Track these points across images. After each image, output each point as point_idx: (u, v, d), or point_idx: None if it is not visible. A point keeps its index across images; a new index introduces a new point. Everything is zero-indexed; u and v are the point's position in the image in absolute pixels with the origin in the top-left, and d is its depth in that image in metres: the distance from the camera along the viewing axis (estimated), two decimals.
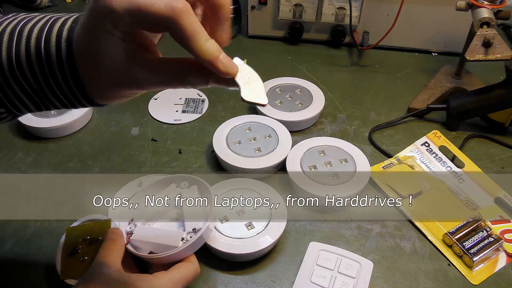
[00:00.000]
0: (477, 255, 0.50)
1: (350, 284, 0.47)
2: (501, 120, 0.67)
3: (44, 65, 0.32)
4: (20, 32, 0.33)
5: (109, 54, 0.31)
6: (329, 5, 0.83)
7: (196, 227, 0.46)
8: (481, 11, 0.63)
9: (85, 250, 0.45)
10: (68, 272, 0.44)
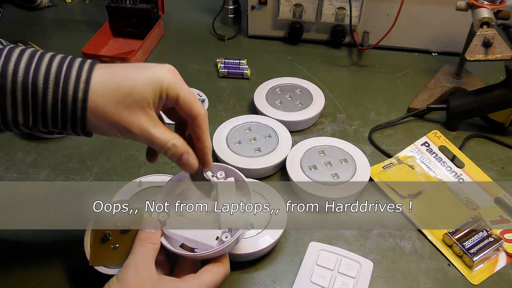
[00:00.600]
0: (477, 255, 0.50)
1: (350, 284, 0.47)
2: (501, 120, 0.67)
3: (58, 122, 0.36)
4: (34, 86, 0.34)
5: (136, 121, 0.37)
6: (329, 5, 0.83)
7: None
8: (481, 11, 0.63)
9: (116, 237, 0.43)
10: (98, 259, 0.43)
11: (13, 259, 0.51)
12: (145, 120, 0.37)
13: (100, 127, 0.37)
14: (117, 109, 0.36)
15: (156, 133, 0.38)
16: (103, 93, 0.35)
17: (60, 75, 0.34)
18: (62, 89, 0.34)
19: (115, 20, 0.87)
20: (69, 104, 0.35)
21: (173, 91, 0.38)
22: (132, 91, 0.36)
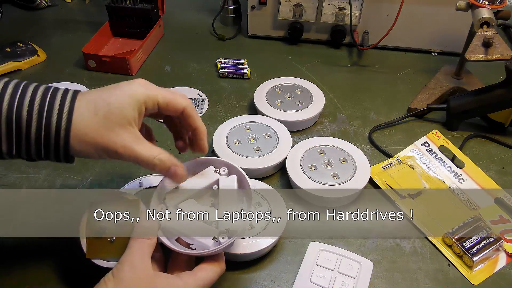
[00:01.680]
0: (477, 255, 0.50)
1: (350, 284, 0.47)
2: (501, 120, 0.67)
3: (41, 151, 0.38)
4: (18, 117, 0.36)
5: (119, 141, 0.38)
6: (329, 5, 0.83)
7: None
8: (481, 11, 0.63)
9: (112, 229, 0.43)
10: (95, 252, 0.43)
11: (13, 259, 0.51)
12: (128, 138, 0.39)
13: (86, 152, 0.38)
14: (98, 132, 0.38)
15: (141, 150, 0.39)
16: (84, 119, 0.37)
17: (44, 107, 0.36)
18: (45, 120, 0.36)
19: (115, 20, 0.87)
20: (52, 134, 0.37)
21: (151, 101, 0.40)
22: (110, 112, 0.38)
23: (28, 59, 0.82)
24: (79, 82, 0.77)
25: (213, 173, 0.46)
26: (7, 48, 0.83)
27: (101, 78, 0.79)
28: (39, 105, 0.36)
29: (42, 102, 0.37)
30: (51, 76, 0.79)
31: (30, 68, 0.82)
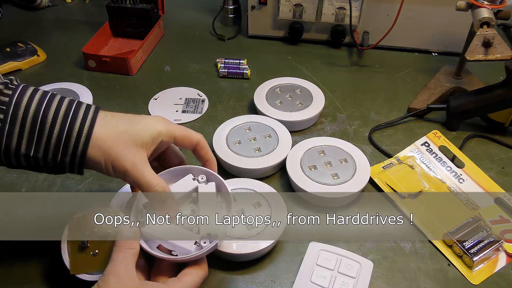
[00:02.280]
0: (477, 255, 0.50)
1: (350, 284, 0.47)
2: (501, 120, 0.67)
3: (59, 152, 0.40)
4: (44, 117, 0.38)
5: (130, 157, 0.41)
6: (329, 5, 0.83)
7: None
8: (481, 11, 0.63)
9: (94, 243, 0.43)
10: (78, 267, 0.43)
11: (13, 259, 0.51)
12: (138, 157, 0.41)
13: (97, 160, 0.40)
14: (114, 143, 0.40)
15: (146, 172, 0.41)
16: (104, 129, 0.40)
17: (70, 112, 0.39)
18: (69, 123, 0.39)
19: (115, 20, 0.87)
20: (73, 136, 0.39)
21: (169, 133, 0.44)
22: (130, 130, 0.41)
23: (28, 59, 0.82)
24: (79, 82, 0.77)
25: (191, 181, 0.47)
26: (7, 48, 0.83)
27: (101, 78, 0.79)
28: (65, 110, 0.39)
29: (68, 108, 0.39)
30: (51, 76, 0.79)
31: (30, 68, 0.82)
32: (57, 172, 0.42)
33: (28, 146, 0.38)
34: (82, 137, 0.39)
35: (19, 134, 0.38)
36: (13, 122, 0.37)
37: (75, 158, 0.40)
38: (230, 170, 0.61)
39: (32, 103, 0.38)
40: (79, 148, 0.39)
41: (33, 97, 0.38)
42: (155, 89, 0.76)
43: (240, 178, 0.57)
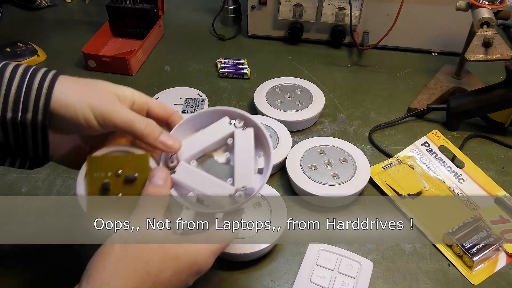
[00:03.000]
0: (477, 255, 0.50)
1: (350, 284, 0.47)
2: (501, 120, 0.67)
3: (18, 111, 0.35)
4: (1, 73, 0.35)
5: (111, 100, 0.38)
6: (329, 5, 0.83)
7: (247, 186, 0.39)
8: (481, 11, 0.63)
9: (118, 187, 0.38)
10: (96, 212, 0.38)
11: (13, 259, 0.51)
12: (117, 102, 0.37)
13: (68, 113, 0.35)
14: (83, 92, 0.36)
15: (133, 114, 0.38)
16: (67, 83, 0.36)
17: (28, 70, 0.35)
18: (28, 79, 0.35)
19: (115, 20, 0.87)
20: (34, 89, 0.35)
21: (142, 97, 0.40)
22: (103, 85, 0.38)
23: (28, 59, 0.82)
24: None
25: (227, 125, 0.42)
26: (7, 48, 0.83)
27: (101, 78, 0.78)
28: (24, 67, 0.36)
29: (27, 67, 0.36)
30: None
31: None
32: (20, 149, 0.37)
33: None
34: (44, 88, 0.35)
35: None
36: None
37: (38, 110, 0.35)
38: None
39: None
40: (41, 102, 0.35)
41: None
42: (155, 89, 0.76)
43: None
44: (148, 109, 0.41)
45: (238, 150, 0.41)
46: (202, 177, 0.40)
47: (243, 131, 0.41)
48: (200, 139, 0.42)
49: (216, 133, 0.41)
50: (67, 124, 0.36)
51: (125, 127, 0.37)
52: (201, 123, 0.43)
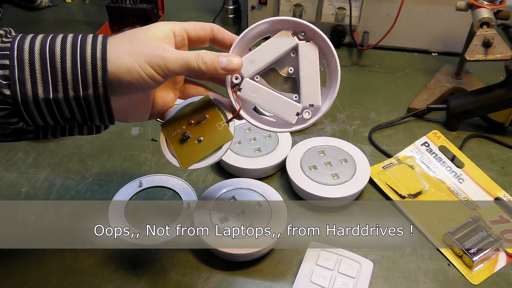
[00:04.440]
0: (477, 255, 0.50)
1: (350, 284, 0.47)
2: (501, 120, 0.67)
3: (79, 86, 0.35)
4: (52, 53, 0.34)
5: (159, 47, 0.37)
6: (329, 5, 0.83)
7: (315, 104, 0.38)
8: (481, 11, 0.63)
9: (195, 131, 0.41)
10: (188, 160, 0.41)
11: (13, 259, 0.51)
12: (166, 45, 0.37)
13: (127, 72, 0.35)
14: (137, 48, 0.36)
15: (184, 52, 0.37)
16: (120, 43, 0.36)
17: (77, 42, 0.35)
18: (80, 49, 0.35)
19: (115, 20, 0.87)
20: (88, 59, 0.34)
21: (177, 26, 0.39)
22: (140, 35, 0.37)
23: None
24: None
25: (290, 37, 0.39)
26: None
27: None
28: (71, 40, 0.35)
29: (74, 38, 0.35)
30: None
31: None
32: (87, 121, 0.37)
33: (45, 88, 0.34)
34: (98, 60, 0.34)
35: (32, 77, 0.34)
36: (21, 66, 0.34)
37: (97, 84, 0.35)
38: (230, 170, 0.61)
39: (35, 44, 0.34)
40: (98, 68, 0.34)
41: (34, 40, 0.35)
42: None
43: (240, 178, 0.57)
44: (187, 33, 0.40)
45: (304, 65, 0.39)
46: (268, 93, 0.39)
47: (308, 44, 0.39)
48: (263, 53, 0.40)
49: (278, 46, 0.39)
50: (132, 86, 0.36)
51: (182, 70, 0.37)
52: (261, 35, 0.41)
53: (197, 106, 0.42)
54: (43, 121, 0.36)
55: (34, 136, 0.39)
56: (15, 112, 0.34)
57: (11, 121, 0.35)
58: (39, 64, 0.34)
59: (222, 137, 0.41)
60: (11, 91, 0.33)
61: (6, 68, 0.33)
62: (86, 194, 0.58)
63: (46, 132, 0.39)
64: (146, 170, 0.62)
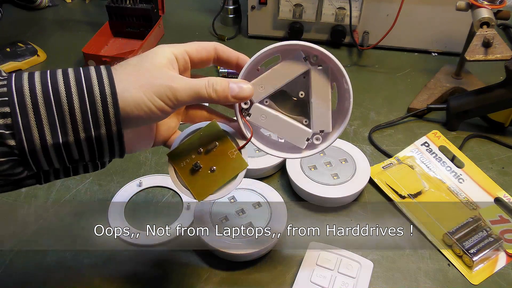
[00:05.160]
0: (477, 255, 0.50)
1: (350, 284, 0.47)
2: (501, 120, 0.67)
3: (90, 125, 0.32)
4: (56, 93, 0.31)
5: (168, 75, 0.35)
6: (329, 5, 0.83)
7: (325, 130, 0.37)
8: (481, 11, 0.63)
9: (207, 161, 0.39)
10: (203, 192, 0.39)
11: (13, 259, 0.51)
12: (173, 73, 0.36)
13: (137, 106, 0.33)
14: (144, 79, 0.34)
15: (192, 80, 0.36)
16: (123, 75, 0.34)
17: (81, 77, 0.32)
18: (86, 86, 0.32)
19: (115, 20, 0.87)
20: (96, 96, 0.32)
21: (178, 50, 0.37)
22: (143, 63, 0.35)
23: (28, 59, 0.82)
24: None
25: (302, 62, 0.38)
26: (7, 48, 0.83)
27: None
28: (74, 76, 0.32)
29: (76, 73, 0.32)
30: None
31: (30, 68, 0.82)
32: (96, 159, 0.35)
33: (53, 132, 0.31)
34: (108, 96, 0.32)
35: (38, 123, 0.31)
36: (24, 112, 0.30)
37: (110, 122, 0.32)
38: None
39: (36, 85, 0.31)
40: (109, 106, 0.32)
41: (33, 80, 0.31)
42: None
43: None
44: (189, 56, 0.38)
45: (315, 90, 0.38)
46: (277, 119, 0.38)
47: (319, 69, 0.38)
48: (273, 78, 0.38)
49: (290, 70, 0.38)
50: (141, 119, 0.34)
51: (192, 100, 0.36)
52: (270, 56, 0.39)
53: (204, 134, 0.39)
54: (50, 166, 0.33)
55: (35, 181, 0.35)
56: (20, 162, 0.31)
57: (15, 172, 0.32)
58: (44, 107, 0.31)
59: (236, 166, 0.39)
60: (17, 140, 0.30)
61: (7, 117, 0.30)
62: (86, 194, 0.58)
63: (48, 175, 0.36)
64: (146, 170, 0.62)
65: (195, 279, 0.49)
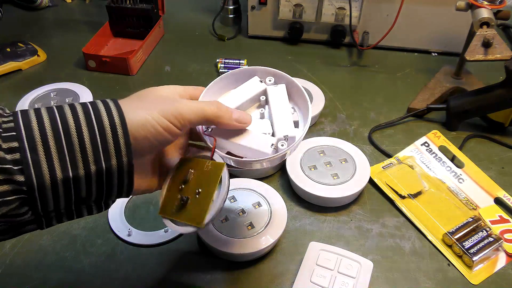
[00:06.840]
0: (477, 255, 0.50)
1: (350, 284, 0.47)
2: (501, 120, 0.67)
3: (100, 157, 0.32)
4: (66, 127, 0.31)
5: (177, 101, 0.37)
6: (329, 5, 0.83)
7: (289, 134, 0.39)
8: (480, 11, 0.63)
9: (190, 190, 0.39)
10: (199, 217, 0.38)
11: (13, 258, 0.51)
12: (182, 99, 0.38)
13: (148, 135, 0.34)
14: (153, 107, 0.34)
15: (202, 103, 0.37)
16: (132, 106, 0.34)
17: (89, 110, 0.32)
18: (96, 119, 0.32)
19: (115, 20, 0.87)
20: (106, 126, 0.32)
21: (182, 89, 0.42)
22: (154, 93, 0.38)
23: (28, 59, 0.82)
24: (79, 82, 0.77)
25: (259, 83, 0.43)
26: (7, 48, 0.83)
27: (101, 78, 0.79)
28: (82, 109, 0.32)
29: (84, 107, 0.32)
30: (51, 76, 0.79)
31: (30, 68, 0.82)
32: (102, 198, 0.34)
33: (63, 166, 0.30)
34: (118, 127, 0.32)
35: (47, 157, 0.30)
36: (33, 146, 0.30)
37: (120, 153, 0.32)
38: (230, 170, 0.61)
39: (44, 118, 0.31)
40: (120, 137, 0.32)
41: (40, 114, 0.31)
42: None
43: (240, 178, 0.57)
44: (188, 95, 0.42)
45: (274, 104, 0.41)
46: (241, 132, 0.40)
47: (275, 87, 0.42)
48: (233, 98, 0.42)
49: (248, 91, 0.42)
50: (148, 142, 0.34)
51: (198, 118, 0.36)
52: (231, 85, 0.43)
53: (176, 172, 0.41)
54: (56, 204, 0.32)
55: (37, 226, 0.34)
56: (27, 200, 0.30)
57: (19, 213, 0.30)
58: (53, 140, 0.30)
59: (215, 171, 0.39)
60: (25, 176, 0.29)
61: (16, 152, 0.29)
62: None
63: (50, 219, 0.34)
64: None
65: (195, 279, 0.49)
